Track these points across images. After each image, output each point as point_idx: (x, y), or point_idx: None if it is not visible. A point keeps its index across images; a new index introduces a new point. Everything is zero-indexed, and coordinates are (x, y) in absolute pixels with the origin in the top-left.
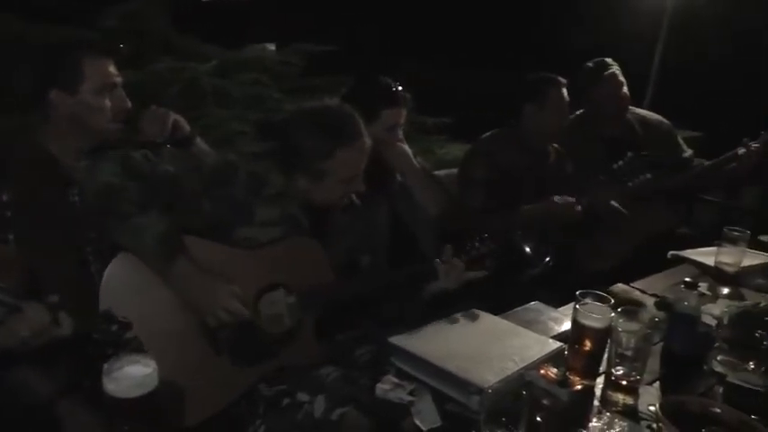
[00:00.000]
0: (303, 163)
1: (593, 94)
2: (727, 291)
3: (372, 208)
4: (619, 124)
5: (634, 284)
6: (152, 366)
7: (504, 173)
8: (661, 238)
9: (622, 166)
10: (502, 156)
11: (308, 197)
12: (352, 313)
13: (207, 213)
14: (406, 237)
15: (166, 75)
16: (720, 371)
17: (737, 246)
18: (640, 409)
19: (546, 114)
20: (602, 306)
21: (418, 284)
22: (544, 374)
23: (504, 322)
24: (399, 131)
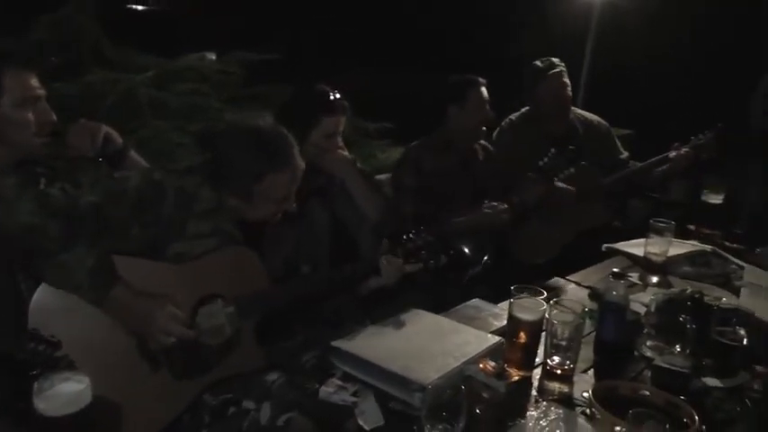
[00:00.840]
0: (234, 183)
1: (538, 93)
2: (656, 279)
3: (311, 216)
4: (562, 123)
5: (570, 277)
6: (85, 383)
7: (434, 177)
8: (597, 232)
9: (547, 162)
10: (431, 161)
11: (240, 214)
12: (292, 317)
13: (136, 236)
14: (347, 241)
15: (100, 86)
16: (649, 355)
17: (664, 236)
18: (575, 396)
19: (468, 115)
20: (535, 300)
21: (356, 282)
22: (483, 368)
23: (444, 320)
24: (339, 138)
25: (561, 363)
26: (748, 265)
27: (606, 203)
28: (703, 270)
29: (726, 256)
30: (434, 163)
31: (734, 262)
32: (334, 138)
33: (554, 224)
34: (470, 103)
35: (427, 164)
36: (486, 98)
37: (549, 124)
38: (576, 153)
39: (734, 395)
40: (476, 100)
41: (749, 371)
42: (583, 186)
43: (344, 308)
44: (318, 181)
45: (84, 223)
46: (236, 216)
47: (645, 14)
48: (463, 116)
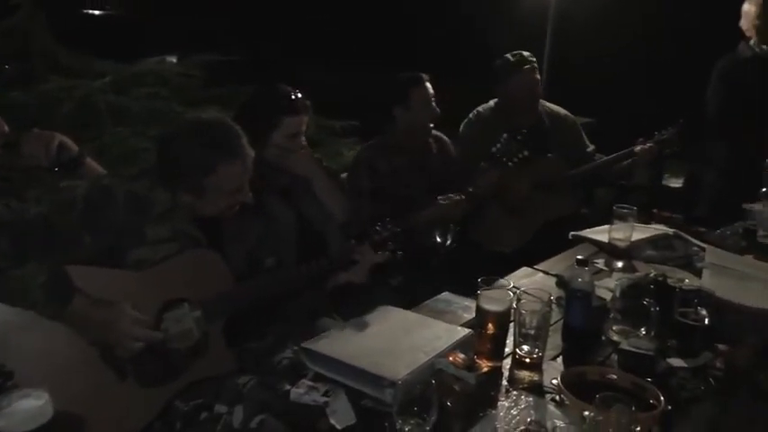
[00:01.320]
0: (185, 179)
1: (509, 87)
2: (621, 264)
3: (274, 213)
4: (530, 117)
5: (537, 266)
6: (44, 398)
7: (388, 178)
8: (565, 220)
9: (500, 147)
10: (384, 162)
11: (196, 211)
12: (262, 317)
13: (89, 245)
14: (314, 240)
15: (57, 94)
16: (615, 339)
17: (627, 222)
18: (545, 383)
19: (413, 114)
20: (502, 290)
21: (324, 278)
22: (453, 361)
23: (414, 315)
24: (302, 138)
25: (530, 351)
26: (709, 246)
27: (572, 194)
28: (666, 253)
29: (687, 238)
30: (388, 163)
31: (695, 244)
32: (297, 138)
33: (521, 214)
34: (414, 103)
35: (381, 165)
36: (430, 94)
37: (518, 117)
38: (528, 137)
39: (698, 374)
40: (419, 98)
41: (712, 350)
42: (549, 177)
43: (314, 305)
44: (282, 180)
45: (32, 237)
46: (192, 214)
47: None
48: (409, 116)
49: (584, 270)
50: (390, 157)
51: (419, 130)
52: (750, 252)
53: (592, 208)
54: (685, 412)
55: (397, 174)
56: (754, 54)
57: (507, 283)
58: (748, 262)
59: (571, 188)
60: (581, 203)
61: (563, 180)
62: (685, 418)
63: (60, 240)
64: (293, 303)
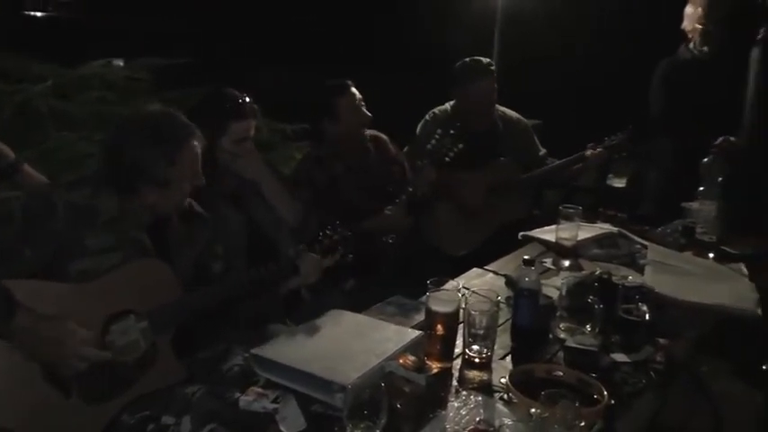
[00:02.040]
0: (148, 176)
1: (465, 92)
2: (568, 263)
3: (223, 218)
4: (486, 121)
5: (488, 267)
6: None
7: (329, 189)
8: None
9: (434, 144)
10: (322, 174)
11: (154, 210)
12: (211, 325)
13: (30, 258)
14: (265, 245)
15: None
16: (562, 337)
17: (573, 221)
18: (494, 382)
19: (343, 126)
20: (450, 292)
21: (275, 283)
22: (403, 363)
23: (365, 319)
24: (250, 142)
25: (479, 351)
26: (651, 243)
27: (524, 197)
28: (611, 251)
29: (630, 236)
30: (326, 175)
31: (638, 242)
32: (245, 142)
33: (475, 217)
34: (342, 112)
35: (318, 178)
36: (357, 101)
37: (473, 122)
38: (462, 132)
39: (640, 368)
40: (346, 107)
41: (653, 344)
42: (503, 181)
43: (265, 311)
44: (231, 184)
45: None
46: (151, 214)
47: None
48: (338, 127)
49: (530, 270)
50: (327, 167)
51: (352, 138)
52: (689, 249)
53: (541, 208)
54: (628, 406)
55: (337, 183)
56: (693, 57)
57: (456, 284)
58: (688, 258)
59: (523, 191)
60: (532, 206)
61: (516, 183)
62: (628, 411)
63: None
64: (243, 310)
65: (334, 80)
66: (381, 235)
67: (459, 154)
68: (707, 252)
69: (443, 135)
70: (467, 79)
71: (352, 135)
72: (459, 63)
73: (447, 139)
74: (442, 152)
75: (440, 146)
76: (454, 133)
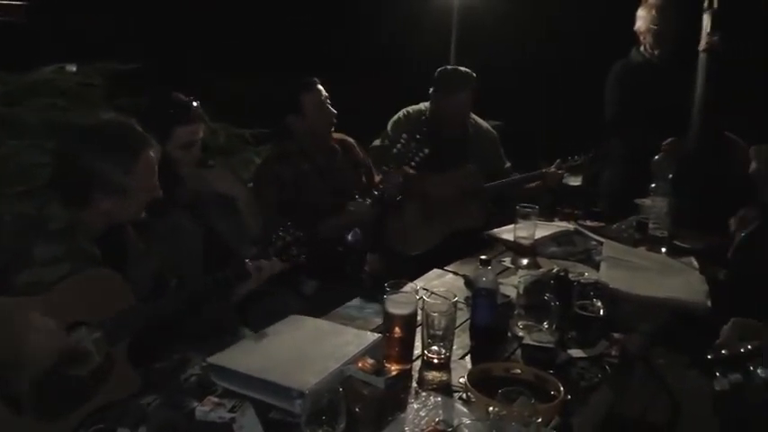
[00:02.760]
0: (102, 185)
1: (443, 100)
2: (526, 261)
3: (179, 230)
4: (458, 128)
5: (448, 268)
6: None
7: (293, 187)
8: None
9: (400, 148)
10: (288, 170)
11: (108, 219)
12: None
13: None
14: (223, 254)
15: None
16: (520, 335)
17: (530, 220)
18: (453, 383)
19: (308, 122)
20: (407, 294)
21: (227, 289)
22: (362, 367)
23: (324, 323)
24: (197, 148)
25: (438, 352)
26: (606, 240)
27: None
28: (568, 249)
29: (586, 233)
30: (291, 173)
31: (594, 239)
32: (192, 147)
33: (433, 219)
34: (308, 109)
35: (286, 174)
36: (323, 99)
37: (446, 128)
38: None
39: (595, 363)
40: (312, 104)
41: (608, 339)
42: (468, 186)
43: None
44: (187, 195)
45: None
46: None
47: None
48: (304, 123)
49: (487, 270)
50: (294, 165)
51: (318, 135)
52: (643, 244)
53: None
54: (584, 400)
55: (303, 180)
56: (645, 59)
57: (414, 286)
58: (641, 253)
59: (483, 200)
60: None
61: (480, 190)
62: (584, 405)
63: None
64: (199, 319)
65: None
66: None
67: (424, 159)
68: (659, 247)
69: (409, 140)
70: (446, 89)
71: (317, 132)
72: (442, 69)
73: (413, 145)
74: (408, 157)
75: (405, 151)
76: (420, 138)
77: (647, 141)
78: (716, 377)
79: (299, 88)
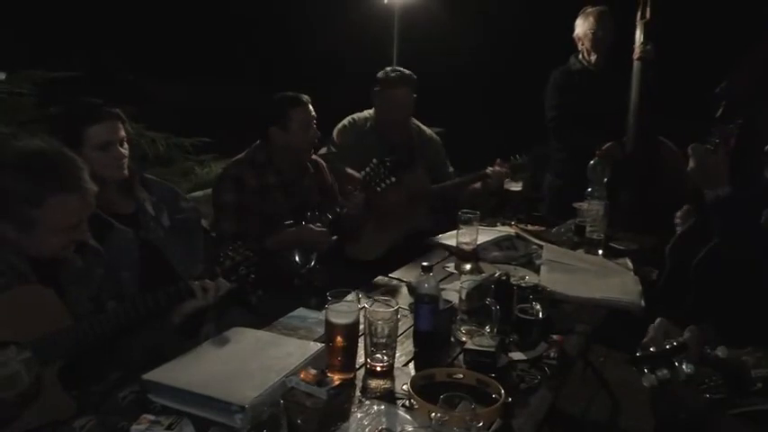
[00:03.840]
0: (10, 211)
1: (383, 102)
2: (469, 267)
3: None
4: (401, 133)
5: (393, 275)
6: None
7: (256, 195)
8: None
9: (368, 172)
10: (253, 178)
11: (24, 249)
12: (102, 355)
13: None
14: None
15: None
16: (463, 340)
17: (472, 226)
18: (396, 390)
19: (291, 136)
20: (349, 302)
21: (169, 309)
22: (304, 378)
23: (266, 334)
24: (118, 148)
25: (381, 360)
26: (546, 243)
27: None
28: (509, 253)
29: (527, 237)
30: (257, 180)
31: (534, 242)
32: (110, 148)
33: (384, 225)
34: (293, 124)
35: (250, 180)
36: (311, 117)
37: (391, 132)
38: (396, 164)
39: (535, 365)
40: (299, 120)
41: (547, 341)
42: (416, 191)
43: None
44: (128, 208)
45: None
46: (20, 252)
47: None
48: (286, 137)
49: (429, 276)
50: (261, 174)
51: (296, 152)
52: (581, 247)
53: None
54: (524, 402)
55: (267, 192)
56: (582, 66)
57: (356, 294)
58: (579, 256)
59: (429, 205)
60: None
61: (427, 193)
62: (524, 407)
63: None
64: (137, 339)
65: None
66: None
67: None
68: (596, 249)
69: (378, 165)
70: (386, 83)
71: (296, 149)
72: (381, 73)
73: (381, 170)
74: (376, 181)
75: (374, 175)
76: (389, 165)
77: (586, 146)
78: (644, 373)
79: (289, 101)
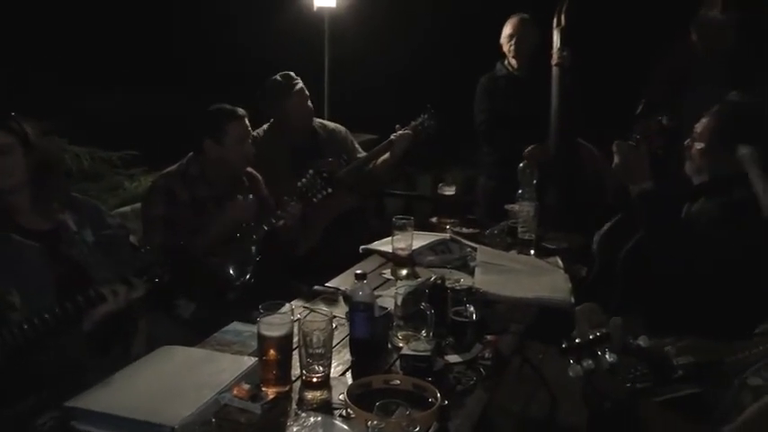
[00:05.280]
0: None
1: (284, 108)
2: (405, 272)
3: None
4: (306, 133)
5: (328, 284)
6: None
7: (188, 208)
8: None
9: (305, 183)
10: (184, 191)
11: None
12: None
13: None
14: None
15: None
16: (400, 345)
17: (407, 231)
18: (334, 400)
19: (226, 150)
20: (282, 314)
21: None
22: (237, 393)
23: (198, 351)
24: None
25: (317, 370)
26: (480, 245)
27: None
28: (445, 256)
29: (461, 240)
30: (188, 193)
31: (468, 245)
32: None
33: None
34: (229, 138)
35: (181, 193)
36: (247, 132)
37: (295, 135)
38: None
39: (470, 366)
40: (235, 135)
41: (482, 342)
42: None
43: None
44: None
45: None
46: None
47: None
48: (221, 151)
49: (363, 284)
50: (193, 187)
51: (230, 166)
52: (514, 247)
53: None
54: (461, 404)
55: (198, 205)
56: (508, 72)
57: (290, 306)
58: (512, 257)
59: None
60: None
61: (339, 179)
62: (461, 409)
63: None
64: (48, 352)
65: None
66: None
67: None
68: (529, 249)
69: (314, 176)
70: (280, 95)
71: (230, 163)
72: (268, 82)
73: (318, 182)
74: (312, 192)
75: (310, 185)
76: (326, 177)
77: (515, 149)
78: (570, 364)
79: (225, 115)
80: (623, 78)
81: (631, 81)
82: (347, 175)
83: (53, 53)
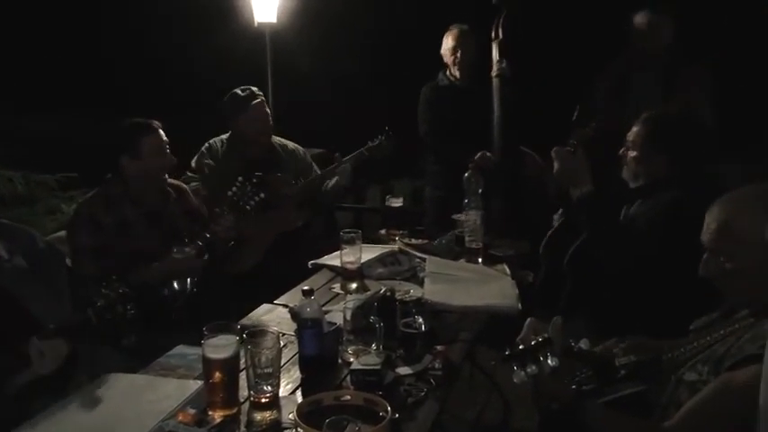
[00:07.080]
0: None
1: (241, 121)
2: (355, 285)
3: None
4: (264, 147)
5: (277, 301)
6: None
7: (115, 232)
8: (307, 247)
9: (235, 191)
10: (107, 215)
11: None
12: None
13: None
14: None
15: None
16: (350, 360)
17: (355, 245)
18: (284, 419)
19: (144, 164)
20: (227, 336)
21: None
22: (182, 419)
23: (141, 377)
24: None
25: (265, 390)
26: (429, 256)
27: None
28: (394, 268)
29: (410, 251)
30: (113, 217)
31: (417, 256)
32: None
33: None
34: (146, 152)
35: (105, 219)
36: (163, 143)
37: (252, 150)
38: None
39: (421, 378)
40: (151, 146)
41: (431, 352)
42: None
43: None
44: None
45: None
46: None
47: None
48: (139, 165)
49: (311, 300)
50: (116, 209)
51: (152, 179)
52: (462, 256)
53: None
54: (412, 416)
55: (126, 227)
56: (450, 82)
57: (236, 326)
58: (461, 265)
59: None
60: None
61: (288, 198)
62: (412, 420)
63: None
64: None
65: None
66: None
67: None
68: (476, 258)
69: (244, 183)
70: (238, 109)
71: (151, 176)
72: (228, 95)
73: (249, 188)
74: (243, 200)
75: (241, 194)
76: (256, 182)
77: (459, 158)
78: (514, 370)
79: (137, 129)
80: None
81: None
82: (299, 192)
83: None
